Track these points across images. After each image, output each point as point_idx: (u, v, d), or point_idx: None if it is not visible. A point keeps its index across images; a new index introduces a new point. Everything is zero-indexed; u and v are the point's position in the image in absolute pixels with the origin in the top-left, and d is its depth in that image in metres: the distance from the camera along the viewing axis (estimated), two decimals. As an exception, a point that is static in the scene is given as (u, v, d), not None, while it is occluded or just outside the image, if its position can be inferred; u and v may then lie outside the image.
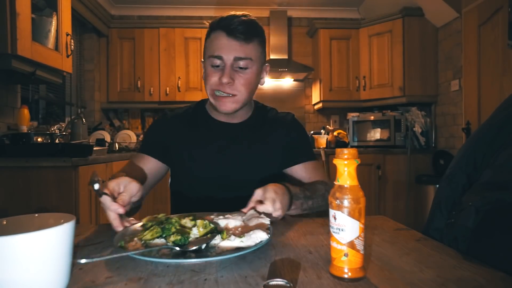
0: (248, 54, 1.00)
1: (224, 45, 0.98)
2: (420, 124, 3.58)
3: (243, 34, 0.98)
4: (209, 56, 1.01)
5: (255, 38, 1.01)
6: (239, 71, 1.00)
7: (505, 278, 0.51)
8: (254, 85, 1.05)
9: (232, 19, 0.99)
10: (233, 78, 0.99)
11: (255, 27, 1.02)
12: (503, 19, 2.50)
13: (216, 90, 1.00)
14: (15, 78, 2.22)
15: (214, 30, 1.02)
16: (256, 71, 1.03)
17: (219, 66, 1.00)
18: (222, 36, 0.99)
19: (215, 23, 1.02)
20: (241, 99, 1.03)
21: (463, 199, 0.77)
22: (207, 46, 1.04)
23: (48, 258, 0.45)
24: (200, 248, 0.61)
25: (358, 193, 0.53)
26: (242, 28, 0.98)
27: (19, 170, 1.79)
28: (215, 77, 1.00)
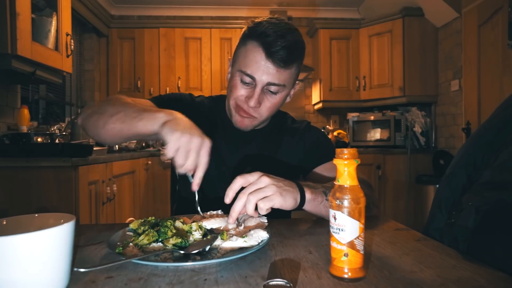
0: (283, 81, 0.92)
1: (260, 67, 0.89)
2: (420, 124, 3.58)
3: (283, 61, 0.89)
4: (240, 69, 0.92)
5: (295, 63, 0.93)
6: (268, 94, 0.94)
7: (505, 278, 0.51)
8: (278, 108, 1.00)
9: (276, 39, 0.87)
10: (260, 101, 0.93)
11: (298, 50, 0.93)
12: (503, 19, 2.50)
13: (240, 105, 0.95)
14: (15, 78, 2.22)
15: (251, 40, 0.91)
16: (285, 94, 0.97)
17: (249, 84, 0.93)
18: (259, 54, 0.89)
19: (255, 33, 0.90)
20: (260, 121, 0.99)
21: (463, 199, 0.77)
22: (241, 54, 0.94)
23: (48, 258, 0.45)
24: (204, 250, 0.60)
25: (358, 193, 0.53)
26: (283, 53, 0.87)
27: (19, 170, 1.79)
28: (242, 92, 0.93)
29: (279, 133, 1.09)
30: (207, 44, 3.79)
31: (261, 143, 1.06)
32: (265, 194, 0.65)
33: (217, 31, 3.79)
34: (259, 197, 0.65)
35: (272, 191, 0.66)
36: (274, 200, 0.65)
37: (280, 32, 0.88)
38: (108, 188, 2.24)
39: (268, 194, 0.65)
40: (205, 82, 3.79)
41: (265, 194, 0.65)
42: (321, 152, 1.05)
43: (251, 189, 0.66)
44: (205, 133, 1.00)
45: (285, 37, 0.88)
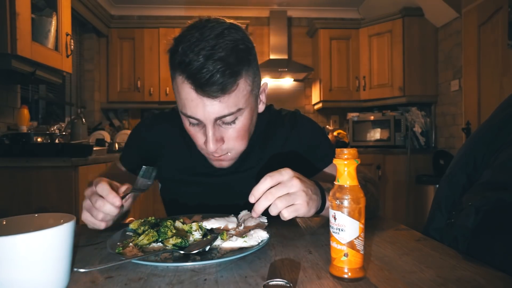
0: (233, 106, 0.73)
1: (198, 104, 0.71)
2: (420, 124, 3.58)
3: (221, 90, 0.69)
4: (181, 111, 0.76)
5: (239, 77, 0.72)
6: (227, 126, 0.76)
7: (505, 278, 0.51)
8: (249, 128, 0.82)
9: (200, 67, 0.67)
10: (221, 136, 0.77)
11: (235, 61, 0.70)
12: (503, 19, 2.50)
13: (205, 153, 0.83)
14: (15, 78, 2.22)
15: (176, 72, 0.73)
16: (249, 114, 0.79)
17: (199, 124, 0.76)
18: (188, 90, 0.71)
19: (175, 62, 0.71)
20: (237, 153, 0.83)
21: (463, 199, 0.77)
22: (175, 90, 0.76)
23: (48, 258, 0.45)
24: (204, 250, 0.60)
25: (358, 193, 0.53)
26: (216, 82, 0.68)
27: (19, 170, 1.79)
28: (199, 139, 0.79)
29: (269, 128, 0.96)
30: (207, 44, 3.79)
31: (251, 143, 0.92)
32: (293, 202, 0.61)
33: (217, 31, 3.78)
34: (287, 204, 0.60)
35: (301, 200, 0.61)
36: (300, 211, 0.62)
37: (204, 50, 0.68)
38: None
39: (296, 203, 0.61)
40: (205, 82, 3.79)
41: (294, 201, 0.61)
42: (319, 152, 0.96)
43: (281, 192, 0.60)
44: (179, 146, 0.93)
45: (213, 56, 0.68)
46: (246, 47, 0.74)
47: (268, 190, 0.60)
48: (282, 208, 0.60)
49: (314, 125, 1.01)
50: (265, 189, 0.60)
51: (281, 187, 0.61)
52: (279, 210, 0.60)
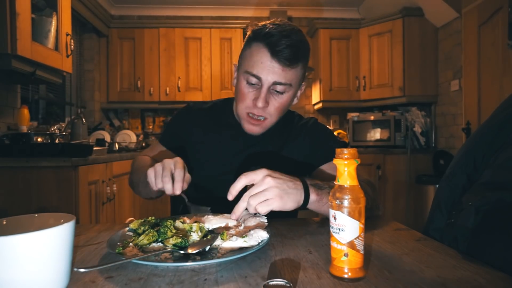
0: (289, 80, 0.93)
1: (266, 66, 0.90)
2: (420, 124, 3.58)
3: (288, 60, 0.89)
4: (246, 71, 0.94)
5: (299, 63, 0.93)
6: (275, 94, 0.94)
7: (505, 278, 0.51)
8: (287, 108, 1.01)
9: (280, 38, 0.89)
10: (268, 101, 0.94)
11: (302, 50, 0.93)
12: (503, 19, 2.50)
13: (249, 112, 0.97)
14: (15, 78, 2.22)
15: (256, 42, 0.92)
16: (292, 94, 0.98)
17: (255, 85, 0.93)
18: (264, 55, 0.90)
19: (260, 34, 0.92)
20: (269, 123, 0.99)
21: (463, 199, 0.77)
22: (246, 56, 0.95)
23: (48, 258, 0.45)
24: (204, 250, 0.60)
25: (358, 193, 0.53)
26: (288, 52, 0.89)
27: (19, 170, 1.79)
28: (249, 98, 0.95)
29: (285, 131, 1.09)
30: (207, 44, 3.79)
31: (268, 141, 1.07)
32: (265, 198, 0.66)
33: (217, 31, 3.79)
34: (259, 200, 0.66)
35: (272, 194, 0.66)
36: (273, 204, 0.66)
37: (284, 32, 0.90)
38: (108, 188, 2.24)
39: (268, 198, 0.66)
40: (205, 82, 3.79)
41: (265, 197, 0.66)
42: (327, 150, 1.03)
43: (253, 191, 0.67)
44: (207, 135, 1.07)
45: (290, 36, 0.89)
46: (309, 48, 0.98)
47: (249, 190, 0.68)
48: (255, 205, 0.66)
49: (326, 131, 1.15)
50: (240, 187, 0.69)
51: (254, 187, 0.67)
52: (253, 208, 0.66)
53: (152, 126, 4.09)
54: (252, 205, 0.66)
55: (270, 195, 0.66)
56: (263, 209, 0.66)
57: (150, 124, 4.08)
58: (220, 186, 1.01)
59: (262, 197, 0.66)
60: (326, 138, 1.10)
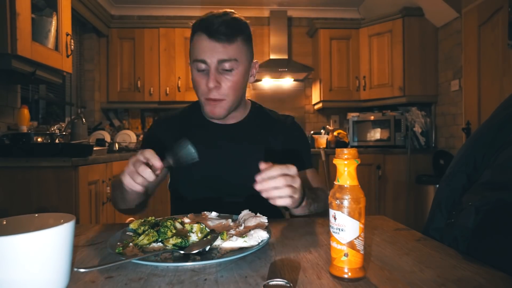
0: (232, 55, 0.96)
1: (206, 48, 0.95)
2: (420, 124, 3.58)
3: (225, 35, 0.94)
4: (193, 60, 0.98)
5: (238, 37, 0.97)
6: (225, 73, 0.97)
7: (505, 278, 0.51)
8: (242, 86, 1.03)
9: (213, 19, 0.95)
10: (219, 81, 0.97)
11: (238, 25, 0.98)
12: (503, 19, 2.50)
13: (206, 97, 0.99)
14: (15, 78, 2.22)
15: (196, 32, 0.99)
16: (243, 71, 1.00)
17: (204, 70, 0.97)
18: (203, 39, 0.96)
19: (197, 24, 0.99)
20: (229, 103, 1.01)
21: (463, 199, 0.77)
22: (191, 49, 1.01)
23: (48, 258, 0.45)
24: (204, 250, 0.60)
25: (358, 193, 0.53)
26: (223, 28, 0.94)
27: (19, 170, 1.79)
28: (203, 83, 0.98)
29: (262, 125, 1.11)
30: (207, 44, 3.79)
31: (244, 136, 1.08)
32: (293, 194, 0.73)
33: (217, 31, 3.78)
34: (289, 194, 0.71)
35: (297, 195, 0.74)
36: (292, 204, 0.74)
37: (216, 14, 0.97)
38: (108, 188, 2.24)
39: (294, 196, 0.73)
40: (205, 82, 3.79)
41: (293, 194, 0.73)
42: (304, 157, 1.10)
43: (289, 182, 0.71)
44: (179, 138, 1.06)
45: (221, 16, 0.96)
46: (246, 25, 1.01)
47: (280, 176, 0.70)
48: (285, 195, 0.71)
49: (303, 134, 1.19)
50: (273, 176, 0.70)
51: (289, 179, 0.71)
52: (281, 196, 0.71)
53: (152, 126, 4.08)
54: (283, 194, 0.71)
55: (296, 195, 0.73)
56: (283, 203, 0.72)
57: (150, 124, 4.08)
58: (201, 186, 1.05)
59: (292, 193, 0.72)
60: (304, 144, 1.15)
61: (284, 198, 0.72)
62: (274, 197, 0.71)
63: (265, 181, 0.70)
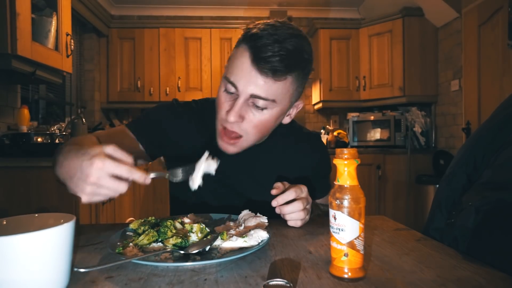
0: (272, 95, 0.76)
1: (245, 75, 0.75)
2: (420, 124, 3.58)
3: (272, 71, 0.73)
4: (225, 76, 0.80)
5: (291, 73, 0.76)
6: (254, 108, 0.78)
7: (505, 278, 0.51)
8: (269, 127, 0.83)
9: (267, 43, 0.72)
10: (243, 115, 0.78)
11: (297, 58, 0.76)
12: (503, 19, 2.50)
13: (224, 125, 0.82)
14: (15, 78, 2.22)
15: (242, 44, 0.77)
16: (278, 112, 0.80)
17: (233, 94, 0.78)
18: (245, 60, 0.75)
19: (247, 35, 0.76)
20: (246, 143, 0.83)
21: (463, 199, 0.77)
22: (230, 60, 0.81)
23: (48, 258, 0.45)
24: (204, 250, 0.60)
25: (358, 193, 0.53)
26: (274, 61, 0.72)
27: (19, 170, 1.79)
28: (224, 108, 0.80)
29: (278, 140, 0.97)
30: (207, 44, 3.79)
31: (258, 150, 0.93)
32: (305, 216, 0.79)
33: (217, 31, 3.79)
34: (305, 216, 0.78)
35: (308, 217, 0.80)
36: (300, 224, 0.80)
37: (276, 35, 0.73)
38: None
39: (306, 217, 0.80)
40: (205, 82, 3.79)
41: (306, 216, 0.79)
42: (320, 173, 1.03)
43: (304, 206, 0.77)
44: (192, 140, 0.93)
45: (282, 42, 0.73)
46: (308, 59, 0.80)
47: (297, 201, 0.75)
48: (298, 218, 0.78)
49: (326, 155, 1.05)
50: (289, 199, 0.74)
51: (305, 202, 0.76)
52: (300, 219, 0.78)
53: (152, 126, 4.08)
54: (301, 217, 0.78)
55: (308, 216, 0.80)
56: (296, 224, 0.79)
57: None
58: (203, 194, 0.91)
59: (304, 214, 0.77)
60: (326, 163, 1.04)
61: (296, 221, 0.78)
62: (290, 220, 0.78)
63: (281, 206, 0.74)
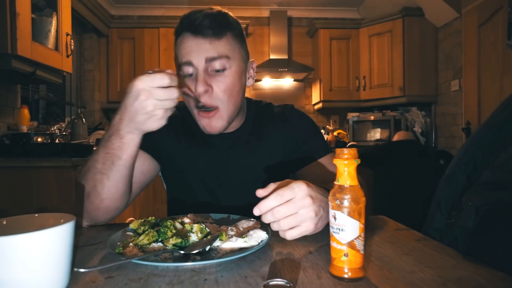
0: (222, 52, 0.83)
1: (192, 47, 0.82)
2: (420, 124, 3.58)
3: (211, 29, 0.82)
4: (179, 65, 0.86)
5: (227, 31, 0.85)
6: (216, 74, 0.84)
7: (505, 278, 0.51)
8: (238, 89, 0.88)
9: (195, 14, 0.84)
10: (210, 84, 0.83)
11: (225, 19, 0.87)
12: (503, 19, 2.50)
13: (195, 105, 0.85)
14: (15, 78, 2.22)
15: (179, 35, 0.87)
16: (237, 70, 0.87)
17: (192, 74, 0.84)
18: (187, 36, 0.84)
19: (179, 25, 0.87)
20: (225, 112, 0.86)
21: (463, 199, 0.77)
22: (176, 54, 0.88)
23: (48, 258, 0.45)
24: (204, 250, 0.60)
25: (358, 193, 0.53)
26: (208, 22, 0.82)
27: (19, 170, 1.79)
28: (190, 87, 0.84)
29: (261, 124, 0.99)
30: (207, 44, 3.79)
31: (245, 141, 0.97)
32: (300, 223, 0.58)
33: (217, 31, 3.78)
34: (293, 225, 0.58)
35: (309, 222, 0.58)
36: (306, 233, 0.60)
37: (199, 9, 0.87)
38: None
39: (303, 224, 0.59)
40: (205, 82, 3.79)
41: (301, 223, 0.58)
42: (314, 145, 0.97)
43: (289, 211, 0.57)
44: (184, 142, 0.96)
45: (205, 10, 0.86)
46: (235, 21, 0.91)
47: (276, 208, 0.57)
48: (285, 228, 0.58)
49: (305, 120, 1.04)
50: (272, 206, 0.57)
51: (290, 204, 0.57)
52: (282, 230, 0.59)
53: (152, 126, 4.08)
54: (282, 228, 0.58)
55: (307, 222, 0.58)
56: (291, 236, 0.59)
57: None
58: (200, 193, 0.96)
59: (297, 222, 0.58)
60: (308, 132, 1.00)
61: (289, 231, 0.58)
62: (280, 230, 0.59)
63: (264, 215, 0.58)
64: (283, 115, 1.01)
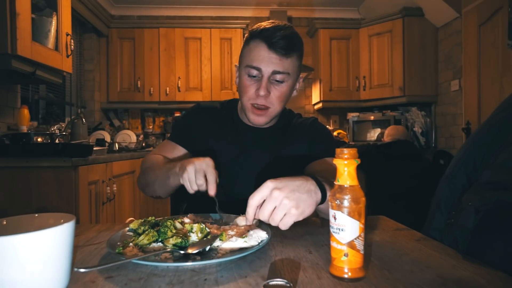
0: (286, 69, 1.00)
1: (264, 58, 0.99)
2: (420, 124, 3.58)
3: (284, 49, 0.98)
4: (247, 65, 1.02)
5: (294, 52, 1.02)
6: (275, 84, 1.02)
7: (505, 278, 0.51)
8: (287, 98, 1.07)
9: (275, 31, 0.98)
10: (269, 90, 1.01)
11: (296, 41, 1.02)
12: (503, 19, 2.50)
13: (253, 103, 1.03)
14: (15, 78, 2.22)
15: (254, 39, 1.02)
16: (291, 84, 1.05)
17: (256, 76, 1.01)
18: (262, 48, 0.99)
19: (257, 32, 1.01)
20: (273, 112, 1.05)
21: (463, 199, 0.77)
22: (246, 54, 1.04)
23: (48, 258, 0.45)
24: (204, 250, 0.60)
25: (358, 193, 0.53)
26: (283, 42, 0.97)
27: (19, 170, 1.79)
28: (252, 89, 1.02)
29: (288, 130, 1.15)
30: (207, 44, 3.79)
31: (272, 141, 1.12)
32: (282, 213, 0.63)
33: (217, 31, 3.79)
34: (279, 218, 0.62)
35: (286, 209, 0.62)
36: (292, 218, 0.63)
37: (278, 26, 1.00)
38: (108, 188, 2.24)
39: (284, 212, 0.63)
40: (205, 82, 3.79)
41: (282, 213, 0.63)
42: (324, 148, 1.11)
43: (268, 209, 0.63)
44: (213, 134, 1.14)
45: (283, 29, 0.99)
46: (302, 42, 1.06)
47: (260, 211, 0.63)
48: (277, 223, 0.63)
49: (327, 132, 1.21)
50: (253, 213, 0.64)
51: (267, 204, 0.62)
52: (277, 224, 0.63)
53: (152, 126, 4.09)
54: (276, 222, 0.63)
55: (285, 210, 0.62)
56: (284, 226, 0.63)
57: (150, 124, 4.08)
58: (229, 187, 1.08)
59: (280, 214, 0.62)
60: (324, 137, 1.16)
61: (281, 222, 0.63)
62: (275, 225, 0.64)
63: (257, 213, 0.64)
64: (308, 125, 1.18)
